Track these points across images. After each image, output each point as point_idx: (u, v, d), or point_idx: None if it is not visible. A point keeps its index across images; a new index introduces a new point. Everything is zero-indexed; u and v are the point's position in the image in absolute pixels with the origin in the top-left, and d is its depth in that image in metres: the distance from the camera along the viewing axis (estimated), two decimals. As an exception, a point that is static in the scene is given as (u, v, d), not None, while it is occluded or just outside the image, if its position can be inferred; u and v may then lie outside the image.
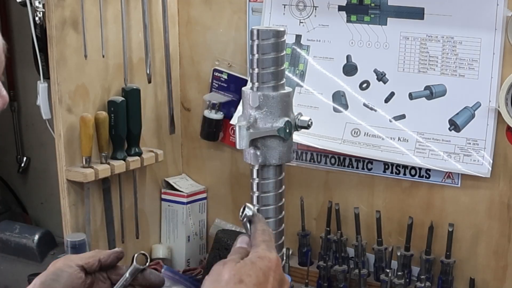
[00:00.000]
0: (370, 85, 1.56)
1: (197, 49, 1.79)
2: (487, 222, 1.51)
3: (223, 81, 1.75)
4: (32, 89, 1.71)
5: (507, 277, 1.51)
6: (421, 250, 1.55)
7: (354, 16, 1.56)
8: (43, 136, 2.02)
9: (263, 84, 1.02)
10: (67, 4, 1.51)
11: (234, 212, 1.83)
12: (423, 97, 1.52)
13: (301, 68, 1.63)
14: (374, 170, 1.61)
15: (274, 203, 1.06)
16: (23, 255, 1.82)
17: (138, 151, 1.67)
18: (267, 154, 1.03)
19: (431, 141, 1.51)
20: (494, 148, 1.46)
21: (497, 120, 1.45)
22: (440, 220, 1.54)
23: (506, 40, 1.41)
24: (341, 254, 1.62)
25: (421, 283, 1.49)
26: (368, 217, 1.62)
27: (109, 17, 1.61)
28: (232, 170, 1.81)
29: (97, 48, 1.59)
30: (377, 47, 1.55)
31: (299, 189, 1.68)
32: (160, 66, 1.76)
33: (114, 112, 1.61)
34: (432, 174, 1.54)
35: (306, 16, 1.61)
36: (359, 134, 1.57)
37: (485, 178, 1.47)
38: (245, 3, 1.69)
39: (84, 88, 1.58)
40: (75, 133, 1.57)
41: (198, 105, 1.81)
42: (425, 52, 1.50)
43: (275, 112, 1.02)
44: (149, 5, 1.69)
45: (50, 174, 2.00)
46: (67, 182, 1.57)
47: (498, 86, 1.43)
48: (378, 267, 1.60)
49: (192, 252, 1.86)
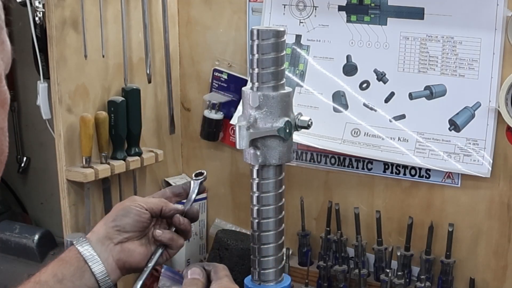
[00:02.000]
0: (370, 85, 1.56)
1: (197, 49, 1.79)
2: (487, 222, 1.51)
3: (223, 81, 1.75)
4: (32, 89, 1.71)
5: (507, 277, 1.51)
6: (421, 250, 1.55)
7: (354, 16, 1.56)
8: (43, 136, 2.02)
9: (263, 84, 1.02)
10: (67, 4, 1.51)
11: (234, 212, 1.83)
12: (423, 97, 1.52)
13: (301, 68, 1.63)
14: (374, 170, 1.61)
15: (274, 203, 1.06)
16: (23, 255, 1.82)
17: (138, 151, 1.67)
18: (267, 154, 1.03)
19: (431, 141, 1.51)
20: (494, 148, 1.46)
21: (497, 120, 1.45)
22: (440, 220, 1.54)
23: (506, 40, 1.41)
24: (341, 254, 1.62)
25: (421, 283, 1.49)
26: (368, 217, 1.62)
27: (109, 17, 1.61)
28: (232, 170, 1.81)
29: (97, 48, 1.59)
30: (377, 47, 1.55)
31: (299, 189, 1.68)
32: (160, 66, 1.76)
33: (114, 112, 1.61)
34: (432, 174, 1.54)
35: (306, 16, 1.61)
36: (359, 134, 1.57)
37: (485, 178, 1.47)
38: (245, 3, 1.69)
39: (84, 88, 1.58)
40: (75, 133, 1.57)
41: (198, 105, 1.81)
42: (425, 52, 1.50)
43: (275, 112, 1.02)
44: (149, 5, 1.69)
45: (50, 174, 2.00)
46: (67, 182, 1.57)
47: (498, 86, 1.43)
48: (378, 267, 1.60)
49: (192, 252, 1.85)
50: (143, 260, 1.08)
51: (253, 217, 1.07)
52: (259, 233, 1.07)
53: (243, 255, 1.63)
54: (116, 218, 1.06)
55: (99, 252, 1.04)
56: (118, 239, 1.06)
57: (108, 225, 1.06)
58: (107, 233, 1.06)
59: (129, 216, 1.06)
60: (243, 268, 1.61)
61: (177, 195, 1.16)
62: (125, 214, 1.07)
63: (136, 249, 1.07)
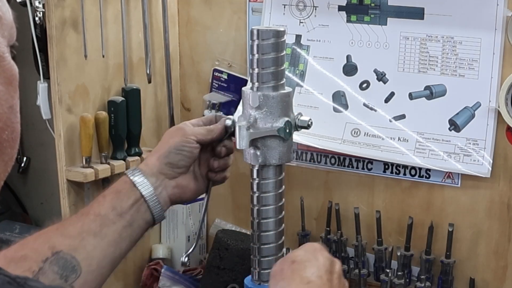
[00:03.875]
0: (370, 85, 1.56)
1: (197, 49, 1.79)
2: (487, 222, 1.51)
3: (223, 81, 1.75)
4: (32, 89, 1.71)
5: (507, 277, 1.51)
6: (421, 250, 1.55)
7: (354, 16, 1.56)
8: (43, 136, 2.02)
9: (263, 84, 1.02)
10: (67, 4, 1.51)
11: (234, 212, 1.83)
12: (423, 97, 1.52)
13: (301, 68, 1.63)
14: (374, 170, 1.61)
15: (274, 203, 1.07)
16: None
17: (138, 151, 1.67)
18: (267, 154, 1.03)
19: (431, 141, 1.51)
20: (494, 148, 1.46)
21: (497, 120, 1.45)
22: (440, 220, 1.54)
23: (506, 40, 1.41)
24: (341, 254, 1.62)
25: (421, 283, 1.49)
26: (368, 217, 1.62)
27: (109, 17, 1.61)
28: (232, 170, 1.80)
29: (97, 48, 1.59)
30: (377, 47, 1.55)
31: (299, 189, 1.68)
32: (160, 66, 1.76)
33: (114, 112, 1.61)
34: (432, 174, 1.54)
35: (306, 16, 1.61)
36: (359, 134, 1.57)
37: (485, 178, 1.47)
38: (245, 3, 1.69)
39: (84, 88, 1.58)
40: (75, 133, 1.57)
41: (198, 105, 1.81)
42: (425, 52, 1.50)
43: (275, 112, 1.02)
44: (149, 5, 1.69)
45: (50, 174, 2.00)
46: (67, 182, 1.57)
47: (498, 86, 1.43)
48: (378, 267, 1.60)
49: (192, 252, 1.85)
50: (194, 195, 1.13)
51: (253, 217, 1.08)
52: (259, 233, 1.07)
53: (243, 255, 1.63)
54: (169, 155, 1.07)
55: (154, 186, 1.06)
56: (172, 175, 1.08)
57: (162, 161, 1.07)
58: (161, 168, 1.07)
59: (182, 153, 1.08)
60: (243, 268, 1.61)
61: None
62: (178, 152, 1.07)
63: (188, 185, 1.11)
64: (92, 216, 1.02)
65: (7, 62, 0.68)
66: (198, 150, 1.09)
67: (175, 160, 1.07)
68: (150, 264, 1.77)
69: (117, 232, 1.02)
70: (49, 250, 0.98)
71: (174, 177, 1.08)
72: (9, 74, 0.68)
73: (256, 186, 1.06)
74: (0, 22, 0.68)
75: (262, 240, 1.07)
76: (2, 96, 0.66)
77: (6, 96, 0.67)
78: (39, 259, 0.97)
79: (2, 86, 0.67)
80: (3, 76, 0.67)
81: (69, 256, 0.98)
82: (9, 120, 0.67)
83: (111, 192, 1.05)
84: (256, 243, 1.07)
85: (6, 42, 0.68)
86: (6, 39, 0.69)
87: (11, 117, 0.68)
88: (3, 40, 0.68)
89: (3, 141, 0.67)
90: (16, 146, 0.70)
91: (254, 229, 1.07)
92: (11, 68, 0.68)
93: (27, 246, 0.99)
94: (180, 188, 1.09)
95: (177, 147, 1.07)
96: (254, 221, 1.07)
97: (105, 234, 1.01)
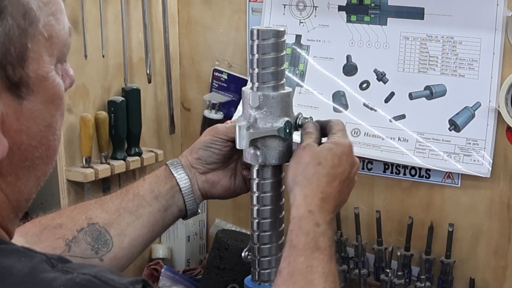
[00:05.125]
0: (370, 85, 1.56)
1: (197, 49, 1.79)
2: (487, 222, 1.51)
3: (223, 81, 1.75)
4: (32, 89, 1.71)
5: (507, 277, 1.51)
6: (421, 250, 1.55)
7: (354, 16, 1.56)
8: (43, 136, 2.02)
9: (263, 84, 1.02)
10: (67, 4, 1.51)
11: (234, 212, 1.83)
12: (423, 97, 1.52)
13: (301, 68, 1.63)
14: (374, 170, 1.61)
15: (274, 203, 1.06)
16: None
17: (138, 151, 1.67)
18: (267, 154, 1.03)
19: (431, 141, 1.51)
20: (494, 148, 1.46)
21: (497, 120, 1.45)
22: (440, 220, 1.54)
23: (506, 40, 1.41)
24: (341, 254, 1.62)
25: (421, 283, 1.49)
26: (368, 217, 1.62)
27: (109, 17, 1.61)
28: (232, 170, 1.81)
29: (97, 48, 1.59)
30: (377, 47, 1.55)
31: (299, 189, 1.68)
32: (160, 66, 1.76)
33: (114, 112, 1.61)
34: (432, 174, 1.54)
35: (306, 16, 1.61)
36: (359, 134, 1.57)
37: (485, 178, 1.47)
38: (245, 3, 1.69)
39: (84, 88, 1.58)
40: (75, 133, 1.57)
41: (198, 105, 1.81)
42: (425, 52, 1.50)
43: (275, 112, 1.02)
44: (149, 5, 1.69)
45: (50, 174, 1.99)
46: (67, 182, 1.57)
47: (498, 86, 1.43)
48: (378, 267, 1.60)
49: (192, 252, 1.86)
50: (226, 192, 1.12)
51: (253, 217, 1.07)
52: (259, 233, 1.07)
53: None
54: (198, 151, 1.09)
55: (188, 177, 1.08)
56: (203, 170, 1.10)
57: (193, 156, 1.10)
58: (192, 163, 1.09)
59: (211, 150, 1.09)
60: (243, 268, 1.61)
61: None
62: (207, 148, 1.09)
63: (219, 181, 1.11)
64: (131, 195, 1.06)
65: (51, 82, 0.68)
66: (229, 148, 1.09)
67: (204, 156, 1.09)
68: (150, 264, 1.77)
69: (152, 214, 1.06)
70: (86, 221, 1.01)
71: (205, 172, 1.10)
72: (51, 93, 0.68)
73: (256, 186, 1.06)
74: (50, 41, 0.68)
75: (262, 240, 1.07)
76: (40, 115, 0.67)
77: (45, 115, 0.67)
78: (74, 228, 1.00)
79: (42, 105, 0.67)
80: (44, 95, 0.67)
81: (103, 230, 1.02)
82: (45, 138, 0.68)
83: (151, 176, 1.09)
84: (256, 243, 1.07)
85: (54, 61, 0.68)
86: (55, 58, 0.68)
87: (48, 135, 0.68)
88: (50, 60, 0.67)
89: (36, 158, 0.69)
90: (51, 162, 0.71)
91: (254, 229, 1.07)
92: (54, 88, 0.68)
93: (64, 214, 1.03)
94: (210, 183, 1.10)
95: (206, 144, 1.09)
96: (254, 221, 1.07)
97: (140, 214, 1.05)
